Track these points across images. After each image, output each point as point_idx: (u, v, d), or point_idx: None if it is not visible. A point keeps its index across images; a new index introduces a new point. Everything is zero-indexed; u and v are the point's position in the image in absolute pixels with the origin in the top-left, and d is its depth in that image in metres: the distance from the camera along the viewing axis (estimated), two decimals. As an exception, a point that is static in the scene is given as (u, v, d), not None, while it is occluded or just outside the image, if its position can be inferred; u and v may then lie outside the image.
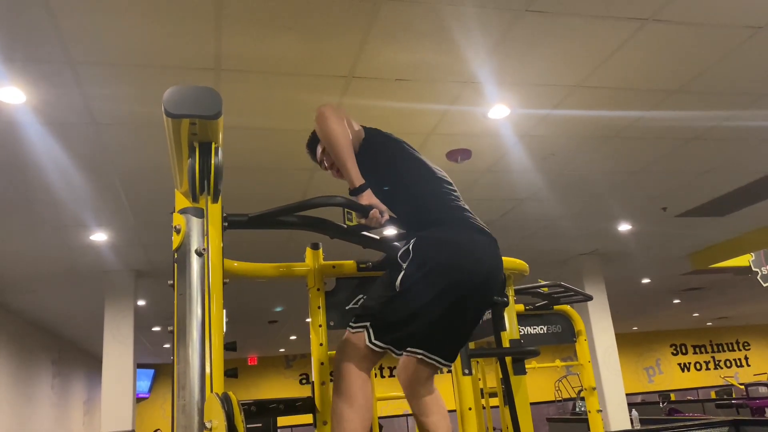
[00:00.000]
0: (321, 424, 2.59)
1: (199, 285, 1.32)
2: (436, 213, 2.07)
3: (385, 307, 1.90)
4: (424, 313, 1.85)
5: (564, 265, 7.80)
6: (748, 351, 19.86)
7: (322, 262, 2.74)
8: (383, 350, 1.88)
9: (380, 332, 1.86)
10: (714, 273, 9.09)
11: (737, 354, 19.78)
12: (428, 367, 2.02)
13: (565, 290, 4.26)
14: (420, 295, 1.84)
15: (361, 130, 2.21)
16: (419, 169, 2.16)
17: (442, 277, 1.86)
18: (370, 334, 1.87)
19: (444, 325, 1.91)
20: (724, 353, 19.72)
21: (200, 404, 1.23)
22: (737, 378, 16.96)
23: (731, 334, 19.80)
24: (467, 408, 2.80)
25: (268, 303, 9.08)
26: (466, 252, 1.94)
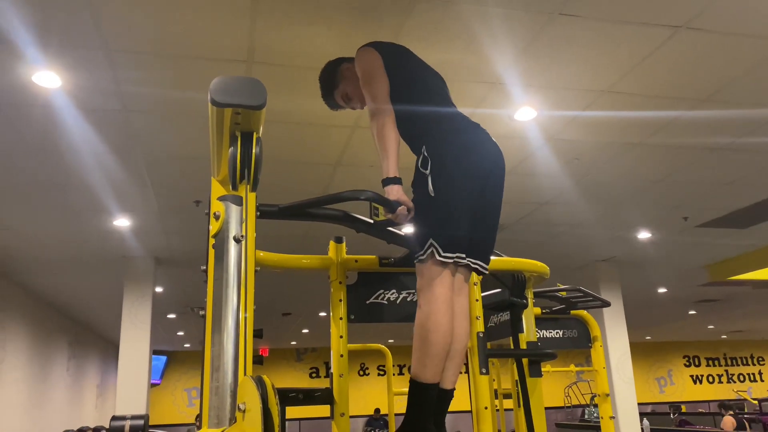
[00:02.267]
0: (338, 415, 2.62)
1: (235, 271, 1.35)
2: (443, 121, 2.18)
3: (433, 216, 1.98)
4: (461, 207, 1.97)
5: (581, 270, 7.77)
6: (762, 366, 19.63)
7: (345, 256, 2.77)
8: (453, 260, 1.96)
9: (442, 243, 1.94)
10: (732, 285, 9.01)
11: (751, 368, 19.55)
12: (466, 275, 2.14)
13: (584, 295, 4.26)
14: (454, 189, 1.97)
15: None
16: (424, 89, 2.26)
17: (463, 166, 2.00)
18: (437, 249, 1.94)
19: (478, 217, 2.04)
20: (738, 367, 19.50)
21: (233, 387, 1.27)
22: (750, 393, 16.76)
23: (746, 348, 19.57)
24: (483, 407, 2.81)
25: (282, 295, 9.14)
26: (473, 142, 2.09)
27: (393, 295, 2.85)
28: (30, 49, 2.94)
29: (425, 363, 1.92)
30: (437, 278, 1.95)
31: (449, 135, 2.08)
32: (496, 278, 3.30)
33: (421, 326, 1.95)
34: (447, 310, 1.94)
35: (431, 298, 1.93)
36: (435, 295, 1.93)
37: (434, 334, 1.90)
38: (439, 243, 1.95)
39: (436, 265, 1.95)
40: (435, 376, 1.95)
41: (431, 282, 1.96)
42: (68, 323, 10.29)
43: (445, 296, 1.95)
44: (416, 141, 2.15)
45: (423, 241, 1.99)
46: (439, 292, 1.94)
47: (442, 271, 1.95)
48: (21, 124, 3.64)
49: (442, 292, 1.94)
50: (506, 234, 6.10)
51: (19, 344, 7.71)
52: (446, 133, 2.08)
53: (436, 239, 1.95)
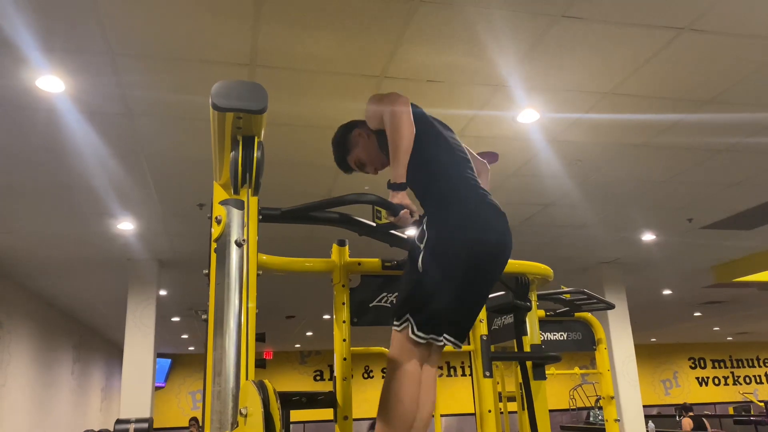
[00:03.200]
0: (341, 419, 2.62)
1: (237, 275, 1.35)
2: (450, 184, 2.10)
3: (416, 292, 1.95)
4: (446, 290, 1.91)
5: (585, 272, 7.75)
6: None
7: (347, 259, 2.77)
8: (426, 341, 1.93)
9: (419, 321, 1.91)
10: (737, 287, 8.97)
11: (757, 371, 19.46)
12: (439, 349, 2.08)
13: (588, 297, 4.24)
14: (442, 274, 1.91)
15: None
16: (440, 143, 2.19)
17: (457, 250, 1.92)
18: (412, 325, 1.91)
19: (461, 301, 1.98)
20: (744, 369, 19.41)
21: (235, 391, 1.26)
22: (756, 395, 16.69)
23: (752, 349, 19.48)
24: (487, 410, 2.81)
25: (286, 298, 9.14)
26: (479, 226, 2.00)
27: (395, 298, 2.85)
28: (34, 53, 2.95)
29: (388, 430, 1.89)
30: (407, 352, 1.92)
31: (454, 207, 2.01)
32: (500, 281, 3.30)
33: (387, 397, 1.92)
34: (414, 384, 1.92)
35: (399, 373, 1.91)
36: (403, 369, 1.90)
37: (399, 406, 1.88)
38: (416, 321, 1.92)
39: (409, 341, 1.92)
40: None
41: (401, 354, 1.93)
42: (73, 326, 10.31)
43: (414, 371, 1.92)
44: (422, 203, 2.11)
45: (400, 313, 1.98)
46: (408, 367, 1.91)
47: (414, 346, 1.93)
48: (25, 127, 3.66)
49: (410, 367, 1.91)
50: (510, 236, 6.08)
51: (24, 346, 7.73)
52: (451, 205, 2.02)
53: (414, 316, 1.93)
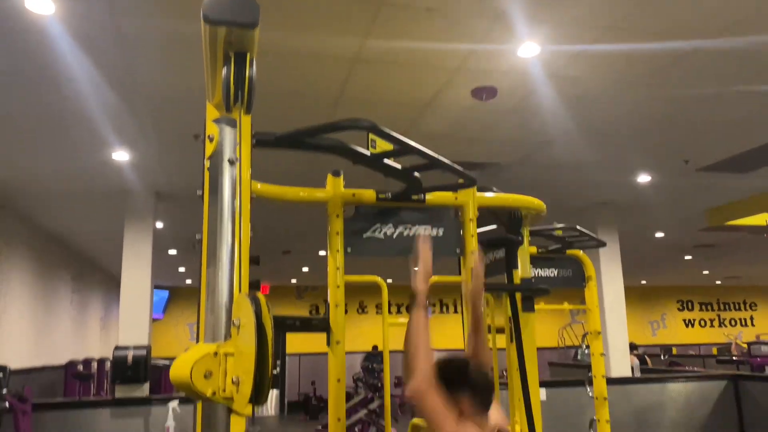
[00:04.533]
0: (334, 343, 2.70)
1: (230, 193, 1.36)
2: None
3: None
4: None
5: (579, 213, 7.79)
6: (754, 311, 19.97)
7: (342, 190, 2.79)
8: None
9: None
10: (729, 231, 9.06)
11: (743, 314, 19.90)
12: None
13: (580, 234, 4.30)
14: None
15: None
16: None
17: None
18: None
19: None
20: (730, 312, 19.84)
21: (228, 305, 1.30)
22: (741, 337, 17.12)
23: (739, 293, 19.86)
24: (476, 339, 2.88)
25: (282, 233, 9.21)
26: None
27: (390, 230, 2.88)
28: (21, -28, 2.87)
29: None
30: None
31: None
32: (493, 214, 3.33)
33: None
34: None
35: None
36: None
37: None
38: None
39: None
40: None
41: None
42: (71, 257, 10.42)
43: None
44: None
45: None
46: None
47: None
48: (17, 53, 3.59)
49: None
50: (506, 174, 6.10)
51: (23, 276, 7.83)
52: None
53: None
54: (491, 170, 5.99)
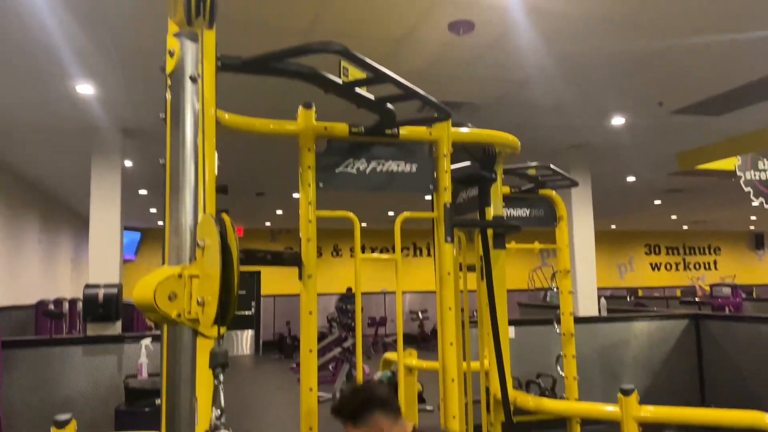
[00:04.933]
0: (306, 277, 2.69)
1: (192, 112, 1.31)
2: None
3: None
4: None
5: (553, 155, 7.81)
6: (718, 256, 20.59)
7: (314, 123, 2.73)
8: None
9: None
10: (699, 175, 9.20)
11: (707, 258, 20.51)
12: None
13: (553, 173, 4.31)
14: None
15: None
16: None
17: None
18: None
19: None
20: (695, 256, 20.43)
21: (193, 226, 1.26)
22: (704, 280, 17.68)
23: (704, 238, 20.41)
24: (446, 273, 2.91)
25: (256, 175, 9.11)
26: None
27: (362, 165, 2.84)
28: None
29: None
30: None
31: None
32: (467, 151, 3.30)
33: None
34: None
35: None
36: None
37: None
38: None
39: None
40: None
41: None
42: (39, 197, 10.20)
43: None
44: None
45: None
46: None
47: None
48: (-33, -26, 3.38)
49: None
50: (481, 115, 6.05)
51: (-12, 215, 7.66)
52: None
53: None
54: (467, 110, 5.94)
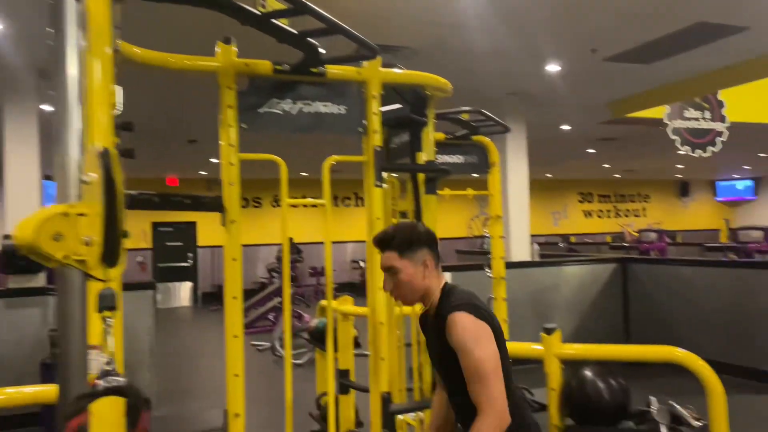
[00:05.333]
0: (229, 222, 2.60)
1: (77, 38, 1.18)
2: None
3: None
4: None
5: (490, 103, 7.77)
6: (647, 203, 21.45)
7: (234, 59, 2.58)
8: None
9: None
10: (630, 124, 9.42)
11: (637, 205, 21.34)
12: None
13: (485, 118, 4.30)
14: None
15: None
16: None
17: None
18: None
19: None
20: (626, 204, 21.22)
21: (80, 159, 1.15)
22: (633, 226, 18.40)
23: (635, 186, 21.18)
24: (376, 218, 2.87)
25: (186, 121, 8.76)
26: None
27: (288, 106, 2.73)
28: None
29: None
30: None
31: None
32: (398, 93, 3.23)
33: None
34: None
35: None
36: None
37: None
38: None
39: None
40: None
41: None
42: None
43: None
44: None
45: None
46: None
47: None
48: None
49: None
50: (418, 60, 5.94)
51: None
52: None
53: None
54: (404, 55, 5.81)
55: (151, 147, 11.36)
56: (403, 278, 2.04)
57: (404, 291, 2.06)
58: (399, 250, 2.05)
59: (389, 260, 2.06)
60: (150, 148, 11.46)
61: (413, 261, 2.05)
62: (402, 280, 2.04)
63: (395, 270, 2.04)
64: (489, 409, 1.82)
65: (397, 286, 2.05)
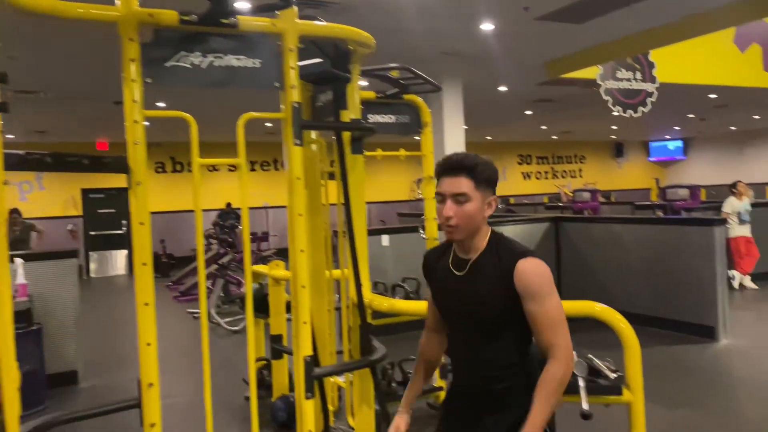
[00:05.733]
0: (134, 185, 2.44)
1: None
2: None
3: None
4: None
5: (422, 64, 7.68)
6: (583, 164, 21.99)
7: (136, 8, 2.39)
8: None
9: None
10: (565, 85, 9.52)
11: (573, 166, 21.85)
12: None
13: (415, 76, 4.20)
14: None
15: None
16: None
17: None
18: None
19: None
20: (563, 165, 21.70)
21: None
22: (570, 187, 18.84)
23: (571, 147, 21.65)
24: (295, 178, 2.76)
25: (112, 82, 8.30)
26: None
27: (198, 59, 2.56)
28: None
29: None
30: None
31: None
32: (318, 47, 3.09)
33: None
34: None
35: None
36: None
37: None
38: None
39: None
40: None
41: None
42: None
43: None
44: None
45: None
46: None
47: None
48: None
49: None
50: (347, 17, 5.76)
51: None
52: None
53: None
54: (333, 10, 5.63)
55: (79, 111, 10.81)
56: (470, 210, 1.90)
57: (464, 222, 1.91)
58: (477, 179, 1.91)
59: (462, 185, 1.90)
60: (77, 111, 10.90)
61: (484, 196, 1.94)
62: (467, 211, 1.90)
63: (465, 198, 1.90)
64: (562, 355, 1.83)
65: (458, 214, 1.90)
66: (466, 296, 1.96)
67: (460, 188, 1.90)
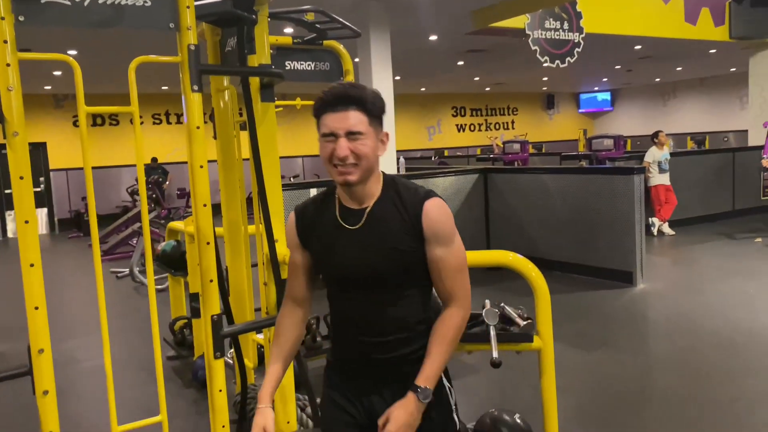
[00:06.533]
0: (11, 135, 2.23)
1: None
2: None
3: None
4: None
5: (352, 13, 7.48)
6: (515, 116, 22.23)
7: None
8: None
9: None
10: (495, 35, 9.44)
11: (506, 118, 22.07)
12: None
13: (331, 20, 4.01)
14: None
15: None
16: None
17: None
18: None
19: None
20: (496, 117, 21.87)
21: None
22: (502, 138, 19.06)
23: (504, 99, 21.81)
24: (195, 127, 2.58)
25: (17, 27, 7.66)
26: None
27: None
28: None
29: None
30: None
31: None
32: (220, -13, 2.87)
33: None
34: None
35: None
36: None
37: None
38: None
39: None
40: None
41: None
42: None
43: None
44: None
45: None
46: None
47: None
48: None
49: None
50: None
51: None
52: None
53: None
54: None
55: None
56: (364, 149, 1.63)
57: (361, 163, 1.64)
58: (370, 114, 1.65)
59: (356, 121, 1.62)
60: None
61: (377, 132, 1.69)
62: (362, 150, 1.63)
63: (360, 136, 1.63)
64: (465, 301, 1.73)
65: (354, 154, 1.63)
66: (366, 251, 1.69)
67: (356, 125, 1.62)
